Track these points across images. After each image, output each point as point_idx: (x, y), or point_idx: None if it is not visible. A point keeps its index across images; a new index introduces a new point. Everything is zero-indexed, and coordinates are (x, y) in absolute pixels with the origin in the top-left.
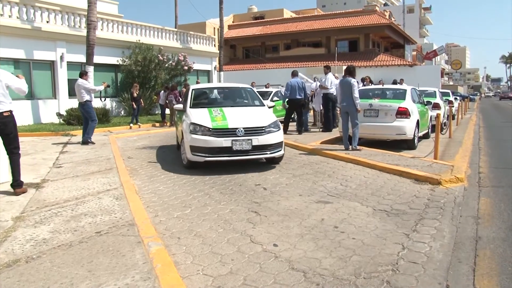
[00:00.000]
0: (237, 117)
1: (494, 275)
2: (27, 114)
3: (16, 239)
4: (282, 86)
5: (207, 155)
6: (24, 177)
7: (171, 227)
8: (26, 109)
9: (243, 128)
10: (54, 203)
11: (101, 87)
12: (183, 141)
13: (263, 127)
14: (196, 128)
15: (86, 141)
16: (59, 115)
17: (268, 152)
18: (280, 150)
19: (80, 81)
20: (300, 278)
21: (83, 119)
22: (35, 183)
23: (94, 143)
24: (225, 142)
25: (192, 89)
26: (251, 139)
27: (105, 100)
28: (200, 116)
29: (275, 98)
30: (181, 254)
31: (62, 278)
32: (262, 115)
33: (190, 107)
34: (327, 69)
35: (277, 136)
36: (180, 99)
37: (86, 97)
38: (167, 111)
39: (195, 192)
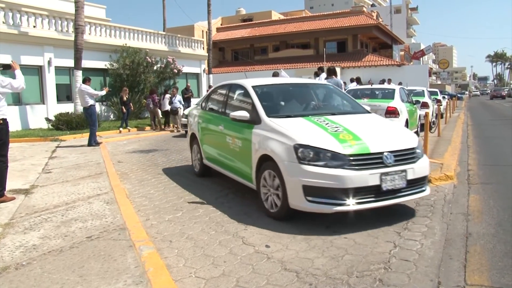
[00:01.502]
0: (370, 133)
1: (484, 270)
2: (15, 120)
3: (5, 246)
4: None
5: (339, 201)
6: (13, 184)
7: (163, 231)
8: (14, 114)
9: (390, 152)
10: (43, 209)
11: (103, 92)
12: (273, 178)
13: (413, 148)
14: (312, 155)
15: (91, 145)
16: (48, 120)
17: (423, 189)
18: (427, 185)
19: (83, 86)
20: (292, 278)
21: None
22: (24, 189)
23: (101, 142)
24: (371, 178)
25: (253, 87)
26: (405, 170)
27: (107, 104)
28: (309, 133)
29: None
30: (173, 257)
31: (53, 284)
32: (396, 129)
33: (268, 116)
34: (321, 70)
35: (427, 163)
36: (158, 104)
37: (90, 102)
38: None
39: (186, 195)
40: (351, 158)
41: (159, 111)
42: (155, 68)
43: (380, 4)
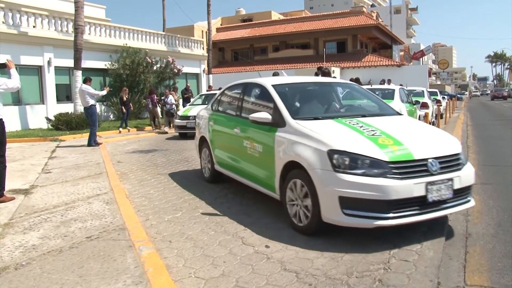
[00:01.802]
0: (411, 137)
1: (484, 271)
2: (15, 120)
3: (4, 246)
4: None
5: (380, 214)
6: (12, 184)
7: (162, 231)
8: (14, 114)
9: (435, 158)
10: (43, 209)
11: (104, 92)
12: (301, 188)
13: (458, 154)
14: (349, 162)
15: (91, 145)
16: (47, 119)
17: (468, 200)
18: (472, 196)
19: (84, 86)
20: (292, 279)
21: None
22: (23, 189)
23: (101, 143)
24: (416, 188)
25: (273, 86)
26: (451, 179)
27: (107, 104)
28: (344, 137)
29: None
30: (173, 258)
31: (52, 284)
32: (437, 133)
33: (293, 118)
34: (320, 70)
35: (473, 170)
36: (157, 104)
37: (91, 102)
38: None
39: (185, 195)
40: (393, 165)
41: (159, 112)
42: (154, 68)
43: (380, 5)
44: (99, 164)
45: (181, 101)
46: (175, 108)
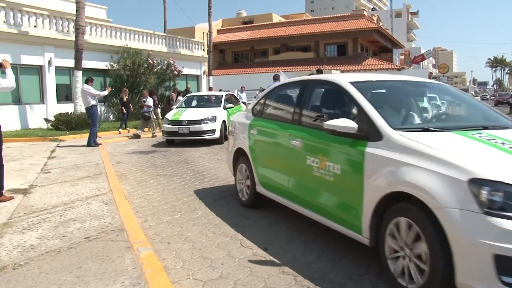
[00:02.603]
0: None
1: None
2: (14, 119)
3: (3, 246)
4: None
5: None
6: (11, 183)
7: (161, 232)
8: (13, 114)
9: None
10: (42, 209)
11: (105, 92)
12: (412, 231)
13: None
14: (508, 200)
15: (91, 145)
16: (47, 120)
17: None
18: None
19: (86, 87)
20: (290, 282)
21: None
22: (22, 189)
23: (101, 143)
24: None
25: (352, 83)
26: None
27: (107, 105)
28: (490, 158)
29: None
30: (171, 259)
31: (50, 284)
32: None
33: (394, 128)
34: (319, 72)
35: None
36: (157, 105)
37: (92, 102)
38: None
39: (185, 197)
40: None
41: (159, 112)
42: (155, 70)
43: (381, 8)
44: (98, 165)
45: None
46: (152, 112)
